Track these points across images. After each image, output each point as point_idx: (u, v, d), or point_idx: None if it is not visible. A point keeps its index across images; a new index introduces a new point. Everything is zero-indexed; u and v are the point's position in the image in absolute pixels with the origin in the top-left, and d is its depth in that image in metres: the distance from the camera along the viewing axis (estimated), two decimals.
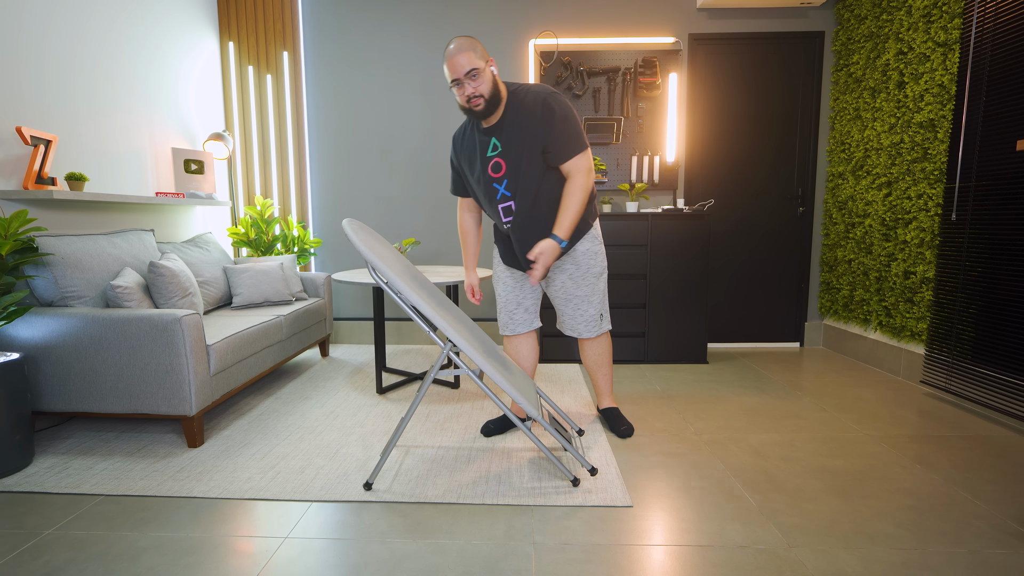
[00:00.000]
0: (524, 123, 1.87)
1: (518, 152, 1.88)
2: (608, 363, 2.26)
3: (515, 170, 1.90)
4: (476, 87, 1.79)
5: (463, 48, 1.77)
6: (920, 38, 2.77)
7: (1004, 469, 1.93)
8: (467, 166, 2.01)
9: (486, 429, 2.23)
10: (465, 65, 1.77)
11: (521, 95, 1.88)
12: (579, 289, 2.09)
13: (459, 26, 3.60)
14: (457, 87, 1.81)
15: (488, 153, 1.92)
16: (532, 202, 1.93)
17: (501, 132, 1.90)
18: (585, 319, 2.12)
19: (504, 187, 1.93)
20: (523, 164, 1.89)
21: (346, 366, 3.29)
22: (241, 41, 3.65)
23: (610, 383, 2.31)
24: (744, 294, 3.75)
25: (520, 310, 2.16)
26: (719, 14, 3.55)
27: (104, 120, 2.71)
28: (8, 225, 1.92)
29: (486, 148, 1.92)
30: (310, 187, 3.78)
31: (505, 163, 1.90)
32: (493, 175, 1.93)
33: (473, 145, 1.97)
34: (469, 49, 1.77)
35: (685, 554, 1.45)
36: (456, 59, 1.77)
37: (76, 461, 2.00)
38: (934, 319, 2.71)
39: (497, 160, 1.91)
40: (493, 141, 1.91)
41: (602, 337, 2.21)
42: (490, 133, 1.92)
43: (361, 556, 1.44)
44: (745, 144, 3.65)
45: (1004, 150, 2.36)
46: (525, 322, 2.17)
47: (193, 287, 2.54)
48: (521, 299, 2.15)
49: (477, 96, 1.80)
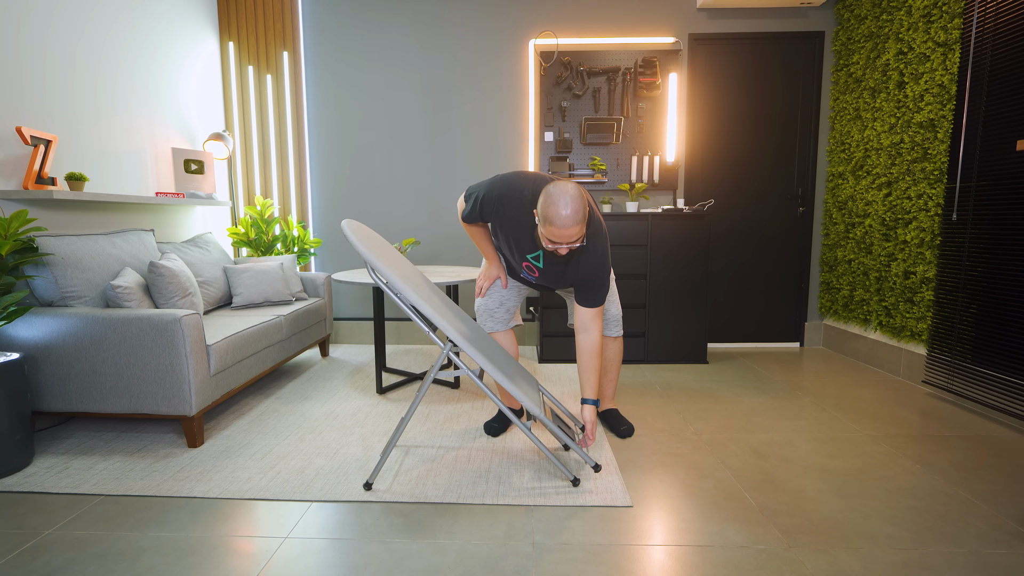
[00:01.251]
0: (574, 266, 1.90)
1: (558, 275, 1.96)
2: (617, 368, 2.31)
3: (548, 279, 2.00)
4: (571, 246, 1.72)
5: (577, 220, 1.64)
6: (920, 38, 2.77)
7: (1004, 469, 1.92)
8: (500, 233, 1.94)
9: (491, 428, 2.23)
10: (574, 238, 1.67)
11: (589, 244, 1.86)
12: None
13: (459, 26, 3.60)
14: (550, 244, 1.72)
15: (529, 257, 1.95)
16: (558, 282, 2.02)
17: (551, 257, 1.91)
18: (608, 318, 2.21)
19: (535, 278, 2.03)
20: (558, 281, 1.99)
21: (346, 366, 3.29)
22: (241, 41, 3.65)
23: (615, 387, 2.35)
24: (744, 294, 3.75)
25: (502, 310, 2.19)
26: (719, 14, 3.55)
27: (104, 120, 2.71)
28: (8, 225, 1.92)
29: (529, 250, 1.92)
30: (310, 187, 3.78)
31: (540, 272, 1.99)
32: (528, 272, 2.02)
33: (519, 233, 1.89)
34: (581, 221, 1.65)
35: (685, 554, 1.45)
36: (569, 231, 1.65)
37: (76, 461, 2.00)
38: (935, 319, 2.71)
39: (531, 266, 1.98)
40: (540, 253, 1.92)
41: (619, 340, 2.27)
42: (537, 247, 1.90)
43: (361, 556, 1.44)
44: (745, 144, 3.64)
45: (1004, 150, 2.35)
46: (504, 320, 2.21)
47: (193, 287, 2.54)
48: (504, 299, 2.19)
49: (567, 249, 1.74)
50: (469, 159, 3.72)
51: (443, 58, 3.64)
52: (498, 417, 2.27)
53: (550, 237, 1.68)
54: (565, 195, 1.64)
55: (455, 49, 3.64)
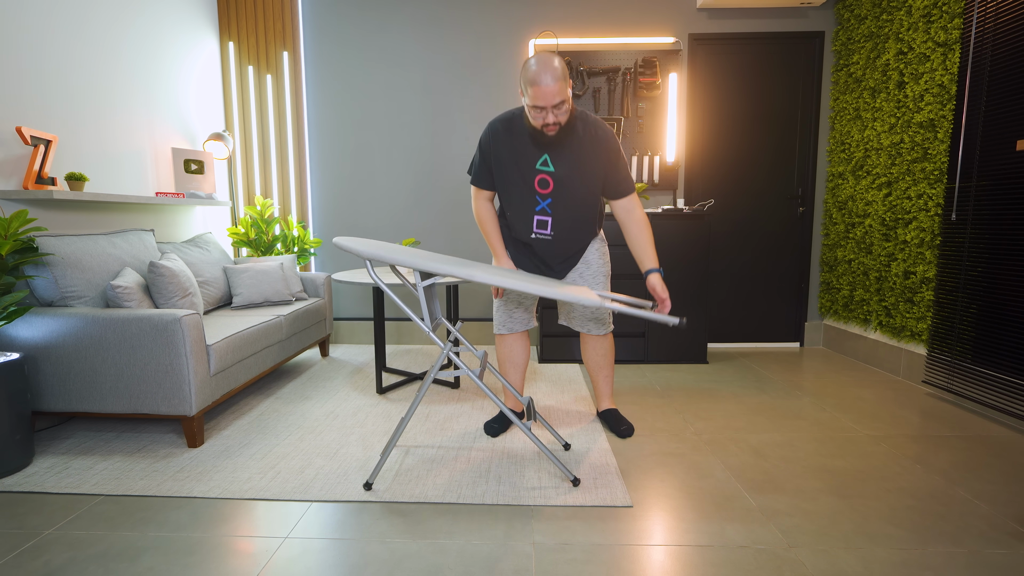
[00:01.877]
0: (586, 152, 1.86)
1: (572, 177, 1.87)
2: (611, 364, 2.29)
3: (563, 192, 1.90)
4: (558, 116, 1.75)
5: (557, 77, 1.68)
6: (920, 38, 2.77)
7: (1004, 469, 1.92)
8: (505, 166, 1.93)
9: (491, 429, 2.23)
10: (556, 96, 1.70)
11: (583, 122, 1.87)
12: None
13: (459, 26, 3.61)
14: (538, 112, 1.74)
15: (537, 166, 1.88)
16: (571, 224, 1.96)
17: (556, 152, 1.86)
18: (596, 316, 2.18)
19: (547, 204, 1.92)
20: (576, 189, 1.89)
21: (346, 366, 3.29)
22: (241, 41, 3.65)
23: (611, 385, 2.34)
24: (744, 294, 3.75)
25: (520, 309, 2.18)
26: (719, 14, 3.55)
27: (104, 120, 2.71)
28: (8, 225, 1.92)
29: (535, 160, 1.87)
30: (310, 187, 3.78)
31: (554, 182, 1.89)
32: (539, 190, 1.91)
33: (519, 149, 1.89)
34: (562, 78, 1.69)
35: (685, 554, 1.45)
36: (549, 89, 1.68)
37: (76, 461, 2.00)
38: (935, 319, 2.71)
39: (545, 177, 1.88)
40: (545, 157, 1.87)
41: (608, 337, 2.24)
42: (543, 148, 1.87)
43: (361, 556, 1.44)
44: (745, 144, 3.65)
45: (1004, 150, 2.35)
46: (523, 321, 2.20)
47: (193, 287, 2.54)
48: (522, 299, 2.18)
49: (556, 124, 1.77)
50: (469, 159, 3.72)
51: (443, 58, 3.64)
52: (498, 417, 2.27)
53: (535, 103, 1.70)
54: (541, 57, 1.70)
55: (455, 49, 3.64)
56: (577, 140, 1.86)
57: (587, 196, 1.95)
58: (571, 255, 2.09)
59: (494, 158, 1.94)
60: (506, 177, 1.95)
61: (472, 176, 2.03)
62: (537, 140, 1.86)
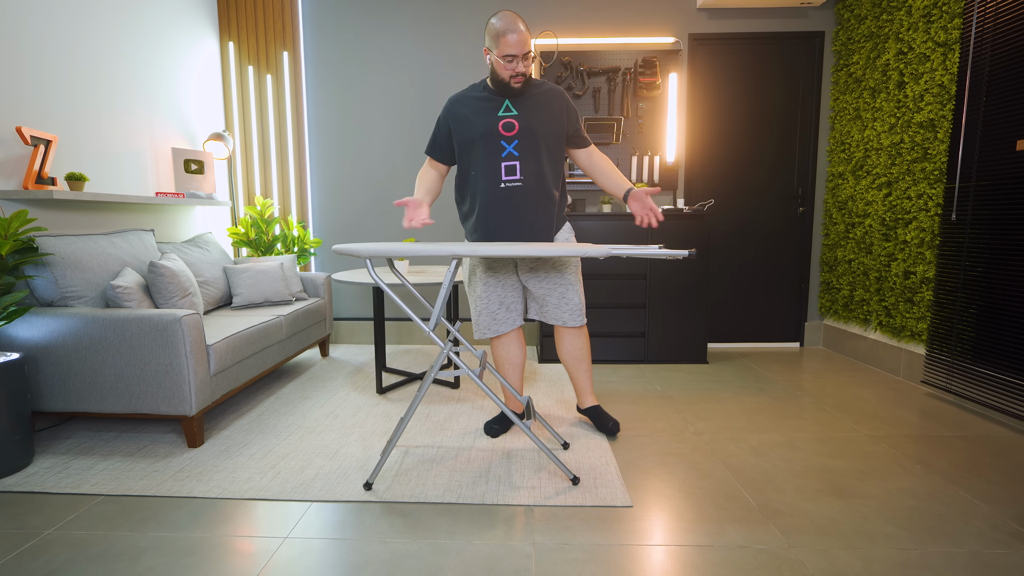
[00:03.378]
0: (544, 101, 2.02)
1: (535, 119, 2.00)
2: (588, 358, 2.27)
3: (529, 133, 1.99)
4: (526, 67, 1.92)
5: (525, 27, 1.89)
6: (920, 38, 2.77)
7: (1004, 469, 1.93)
8: (467, 120, 2.02)
9: (491, 430, 2.22)
10: (526, 45, 1.89)
11: (537, 81, 2.07)
12: (562, 277, 2.11)
13: (459, 26, 3.60)
14: (508, 62, 1.90)
15: (500, 112, 2.00)
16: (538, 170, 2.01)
17: (517, 99, 2.00)
18: (570, 307, 2.13)
19: (513, 146, 2.00)
20: (540, 128, 1.99)
21: (346, 366, 3.29)
22: (241, 41, 3.65)
23: (591, 380, 2.30)
24: (744, 294, 3.75)
25: (503, 309, 2.13)
26: (719, 14, 3.55)
27: (104, 120, 2.71)
28: (8, 225, 1.92)
29: (498, 107, 2.00)
30: (310, 187, 3.78)
31: (519, 124, 1.99)
32: (504, 133, 2.00)
33: (480, 103, 2.02)
34: (527, 30, 1.91)
35: (685, 554, 1.45)
36: (522, 36, 1.87)
37: (76, 461, 2.00)
38: (934, 319, 2.71)
39: (510, 120, 1.99)
40: (506, 103, 2.00)
41: (583, 329, 2.21)
42: (503, 98, 2.01)
43: (361, 556, 1.44)
44: (745, 144, 3.65)
45: (1004, 150, 2.36)
46: (509, 320, 2.15)
47: (193, 287, 2.54)
48: (503, 297, 2.13)
49: (521, 75, 1.93)
50: None
51: (443, 58, 3.64)
52: (498, 418, 2.27)
53: (506, 51, 1.87)
54: (503, 13, 1.90)
55: (455, 49, 3.64)
56: (534, 89, 2.04)
57: (550, 141, 2.02)
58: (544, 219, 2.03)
59: (454, 121, 2.04)
60: (469, 131, 2.01)
61: (427, 148, 2.15)
62: (504, 91, 1.99)
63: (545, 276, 2.10)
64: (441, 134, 2.09)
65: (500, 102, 2.00)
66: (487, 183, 2.00)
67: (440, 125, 2.08)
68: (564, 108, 2.05)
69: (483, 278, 2.13)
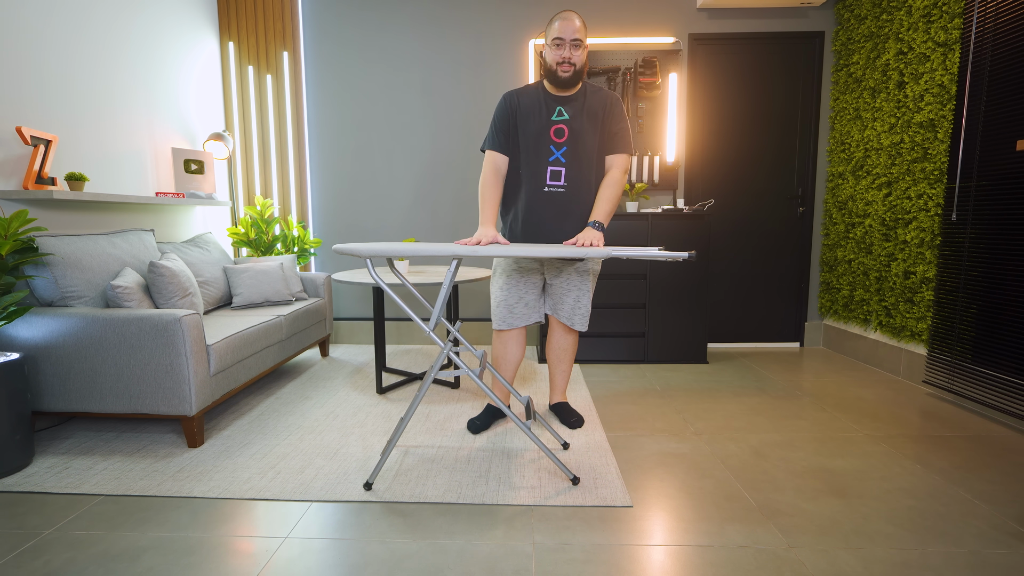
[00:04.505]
0: (596, 108, 2.04)
1: (584, 128, 2.02)
2: (572, 359, 2.36)
3: (576, 140, 2.02)
4: (573, 55, 1.95)
5: (579, 19, 1.96)
6: (920, 38, 2.77)
7: (1004, 469, 1.92)
8: (526, 116, 2.05)
9: (473, 426, 2.25)
10: (577, 31, 1.93)
11: (595, 88, 2.10)
12: (584, 283, 2.17)
13: (459, 26, 3.60)
14: (557, 47, 1.93)
15: (553, 117, 2.03)
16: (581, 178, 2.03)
17: (570, 105, 2.04)
18: (582, 312, 2.20)
19: (561, 153, 2.03)
20: (587, 139, 2.02)
21: (346, 366, 3.29)
22: (241, 41, 3.65)
23: (568, 378, 2.39)
24: (744, 294, 3.75)
25: (521, 304, 2.17)
26: (719, 14, 3.55)
27: (104, 120, 2.71)
28: (8, 225, 1.92)
29: (551, 112, 2.03)
30: (310, 187, 3.78)
31: (569, 131, 2.02)
32: (555, 139, 2.02)
33: (536, 104, 2.05)
34: (583, 24, 1.96)
35: (685, 554, 1.45)
36: (573, 22, 1.93)
37: (76, 461, 2.00)
38: (935, 319, 2.71)
39: (561, 126, 2.02)
40: (559, 108, 2.02)
41: (576, 333, 2.31)
42: (558, 101, 2.04)
43: (361, 556, 1.44)
44: (745, 144, 3.64)
45: (1004, 150, 2.35)
46: (524, 316, 2.18)
47: (193, 287, 2.54)
48: (523, 294, 2.17)
49: (570, 63, 1.95)
50: (469, 159, 3.72)
51: (443, 58, 3.64)
52: (482, 415, 2.29)
53: (558, 34, 1.93)
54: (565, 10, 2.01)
55: (455, 49, 3.64)
56: (589, 98, 2.06)
57: (595, 151, 2.05)
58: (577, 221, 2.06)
59: (517, 113, 2.06)
60: (527, 127, 2.04)
61: (487, 143, 2.11)
62: (554, 82, 2.01)
63: (567, 279, 2.17)
64: (504, 123, 2.07)
65: (553, 107, 2.03)
66: (530, 184, 2.05)
67: (500, 116, 2.07)
68: (610, 111, 2.05)
69: (507, 271, 2.18)
